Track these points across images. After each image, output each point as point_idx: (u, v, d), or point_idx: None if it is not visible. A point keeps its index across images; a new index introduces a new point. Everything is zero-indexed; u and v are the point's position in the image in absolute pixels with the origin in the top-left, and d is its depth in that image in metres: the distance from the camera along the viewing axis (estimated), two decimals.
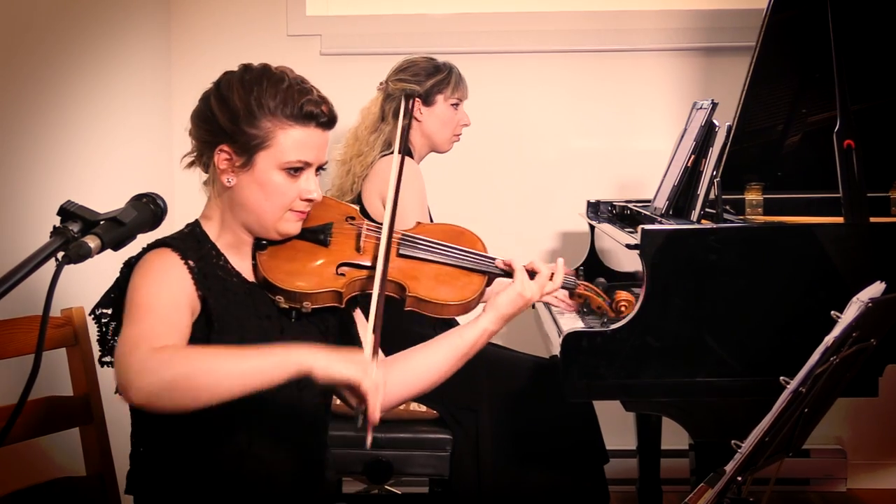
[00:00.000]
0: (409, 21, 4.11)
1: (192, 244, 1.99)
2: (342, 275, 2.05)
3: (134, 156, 3.66)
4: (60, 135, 3.11)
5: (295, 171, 1.98)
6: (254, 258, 2.04)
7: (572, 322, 2.89)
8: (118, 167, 3.41)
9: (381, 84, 3.32)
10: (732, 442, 1.74)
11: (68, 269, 1.61)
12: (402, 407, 3.05)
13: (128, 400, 1.74)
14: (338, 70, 4.08)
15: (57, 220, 1.67)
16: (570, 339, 2.52)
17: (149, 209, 1.79)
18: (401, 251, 2.13)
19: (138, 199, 1.81)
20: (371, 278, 2.04)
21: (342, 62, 4.10)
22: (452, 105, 3.29)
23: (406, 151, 3.21)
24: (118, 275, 1.98)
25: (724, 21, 4.05)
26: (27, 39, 2.92)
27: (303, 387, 1.99)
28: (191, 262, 1.94)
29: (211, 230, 2.04)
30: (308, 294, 2.01)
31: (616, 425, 3.50)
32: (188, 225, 2.04)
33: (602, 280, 2.46)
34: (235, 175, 1.98)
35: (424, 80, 3.26)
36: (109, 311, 1.97)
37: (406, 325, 2.67)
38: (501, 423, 3.03)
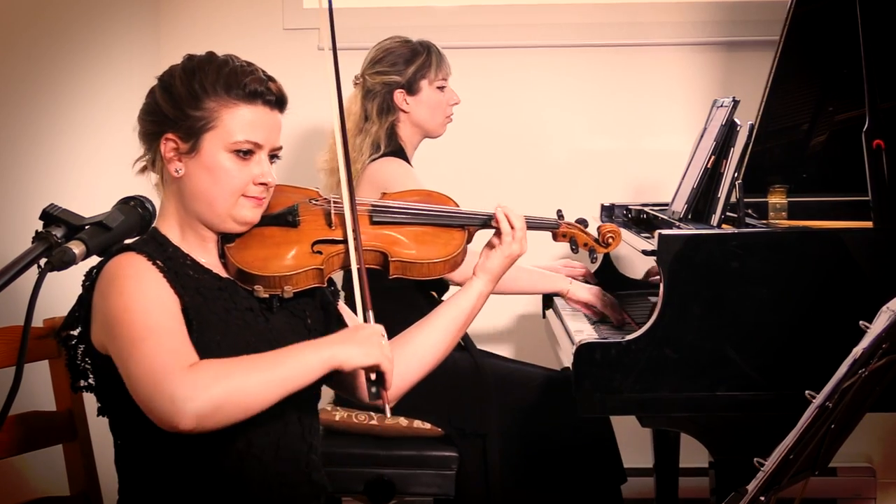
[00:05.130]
0: (412, 14, 4.11)
1: (155, 248, 1.99)
2: (319, 252, 2.07)
3: (121, 157, 3.65)
4: (43, 134, 3.11)
5: (244, 153, 1.99)
6: (222, 253, 2.04)
7: (586, 332, 2.89)
8: (104, 168, 3.41)
9: (356, 78, 3.26)
10: (755, 460, 1.74)
11: (51, 277, 1.61)
12: (405, 424, 3.05)
13: (175, 428, 1.77)
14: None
15: (39, 225, 1.68)
16: (583, 351, 2.52)
17: (136, 213, 1.80)
18: (374, 219, 2.17)
19: (125, 202, 1.81)
20: (349, 252, 2.07)
21: (341, 57, 4.06)
22: (438, 87, 3.25)
23: (397, 150, 3.20)
24: (81, 290, 1.96)
25: (747, 14, 4.05)
26: (10, 34, 2.93)
27: None
28: (159, 263, 1.94)
29: (171, 233, 2.03)
30: (287, 276, 2.01)
31: (632, 442, 3.49)
32: (147, 232, 2.01)
33: (583, 218, 2.45)
34: (183, 163, 1.99)
35: (404, 68, 3.21)
36: (76, 333, 1.97)
37: (402, 310, 2.63)
38: (510, 439, 3.02)
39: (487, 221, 2.22)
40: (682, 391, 2.51)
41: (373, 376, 1.94)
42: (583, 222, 2.40)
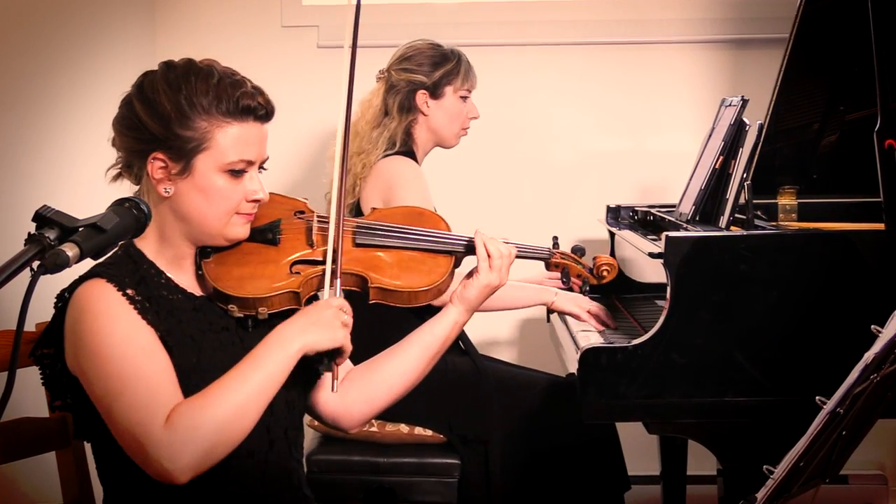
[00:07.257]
0: (413, 10, 4.12)
1: (128, 267, 1.97)
2: (297, 273, 2.05)
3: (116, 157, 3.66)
4: (37, 135, 3.12)
5: (237, 172, 1.97)
6: (199, 268, 2.03)
7: (591, 337, 2.88)
8: (100, 169, 3.40)
9: (381, 73, 3.29)
10: (764, 467, 1.74)
11: (44, 280, 1.61)
12: (405, 431, 3.05)
13: (171, 482, 1.79)
14: (336, 63, 4.02)
15: (32, 227, 1.67)
16: (589, 356, 2.52)
17: (131, 214, 1.79)
18: (357, 241, 2.14)
19: (120, 203, 1.80)
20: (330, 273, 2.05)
21: (341, 55, 4.09)
22: (461, 97, 3.27)
23: (409, 151, 3.21)
24: (54, 311, 1.96)
25: (755, 11, 4.06)
26: (5, 34, 2.93)
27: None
28: (129, 292, 1.91)
29: (147, 248, 2.02)
30: (262, 298, 2.00)
31: (638, 449, 3.49)
32: (121, 247, 2.00)
33: (580, 246, 2.44)
34: (173, 183, 1.96)
35: (432, 71, 3.23)
36: (51, 351, 1.96)
37: (383, 331, 2.62)
38: (513, 446, 3.02)
39: (473, 248, 2.17)
40: (690, 397, 2.51)
41: (331, 364, 1.95)
42: (579, 251, 2.37)
